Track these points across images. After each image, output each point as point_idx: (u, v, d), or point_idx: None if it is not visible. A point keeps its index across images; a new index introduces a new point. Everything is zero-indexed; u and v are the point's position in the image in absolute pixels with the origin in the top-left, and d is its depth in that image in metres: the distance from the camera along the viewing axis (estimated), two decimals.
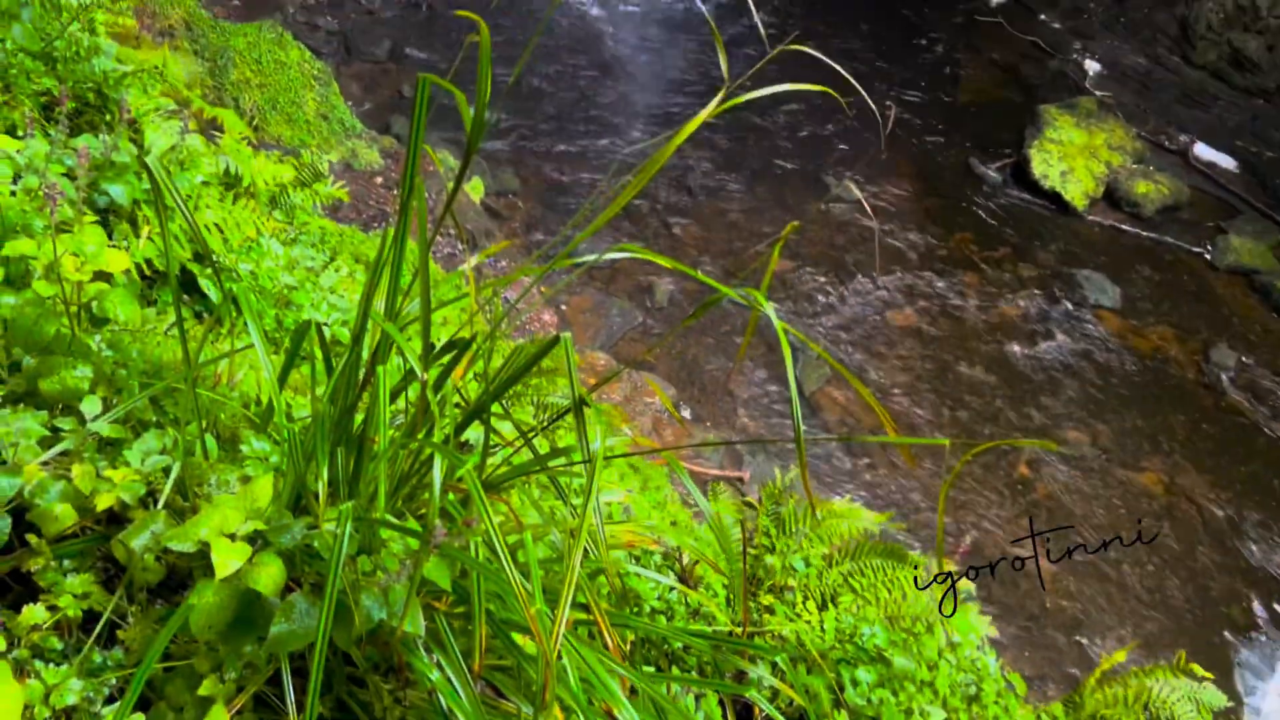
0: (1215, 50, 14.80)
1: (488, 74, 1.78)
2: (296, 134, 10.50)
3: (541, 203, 11.91)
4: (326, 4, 13.76)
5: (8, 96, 3.50)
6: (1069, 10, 16.31)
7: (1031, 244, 12.37)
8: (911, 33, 15.69)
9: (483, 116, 1.82)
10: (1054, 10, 16.35)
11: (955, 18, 16.15)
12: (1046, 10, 16.36)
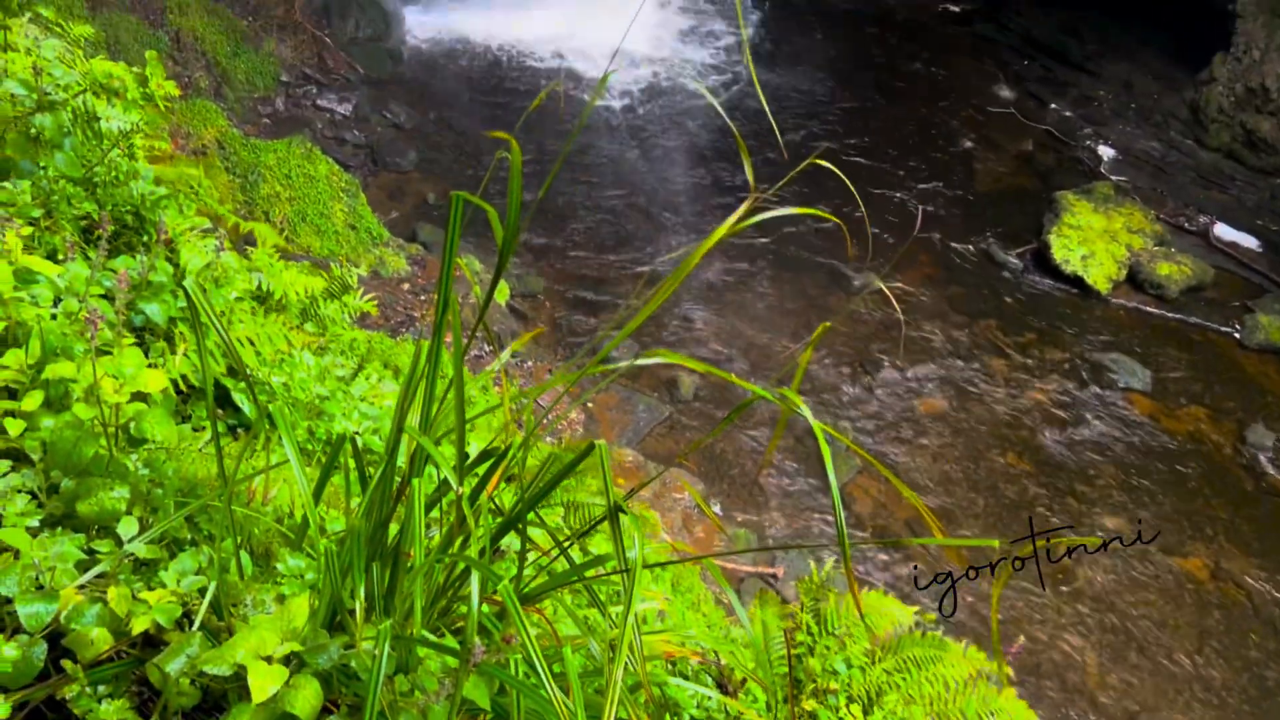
0: (1228, 132, 14.94)
1: (518, 193, 1.82)
2: (326, 244, 10.73)
3: (566, 303, 12.03)
4: (353, 119, 14.18)
5: (49, 221, 3.60)
6: (1079, 99, 16.57)
7: (1057, 329, 12.34)
8: (926, 125, 15.96)
9: (514, 234, 1.85)
10: (1064, 99, 16.61)
11: (968, 110, 16.43)
12: (1057, 100, 16.62)
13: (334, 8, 15.41)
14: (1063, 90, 16.81)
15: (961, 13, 19.33)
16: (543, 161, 13.73)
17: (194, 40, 13.22)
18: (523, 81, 15.83)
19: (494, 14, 16.90)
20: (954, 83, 17.15)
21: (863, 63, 17.47)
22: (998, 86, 17.12)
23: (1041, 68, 17.53)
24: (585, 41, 16.50)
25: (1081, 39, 17.59)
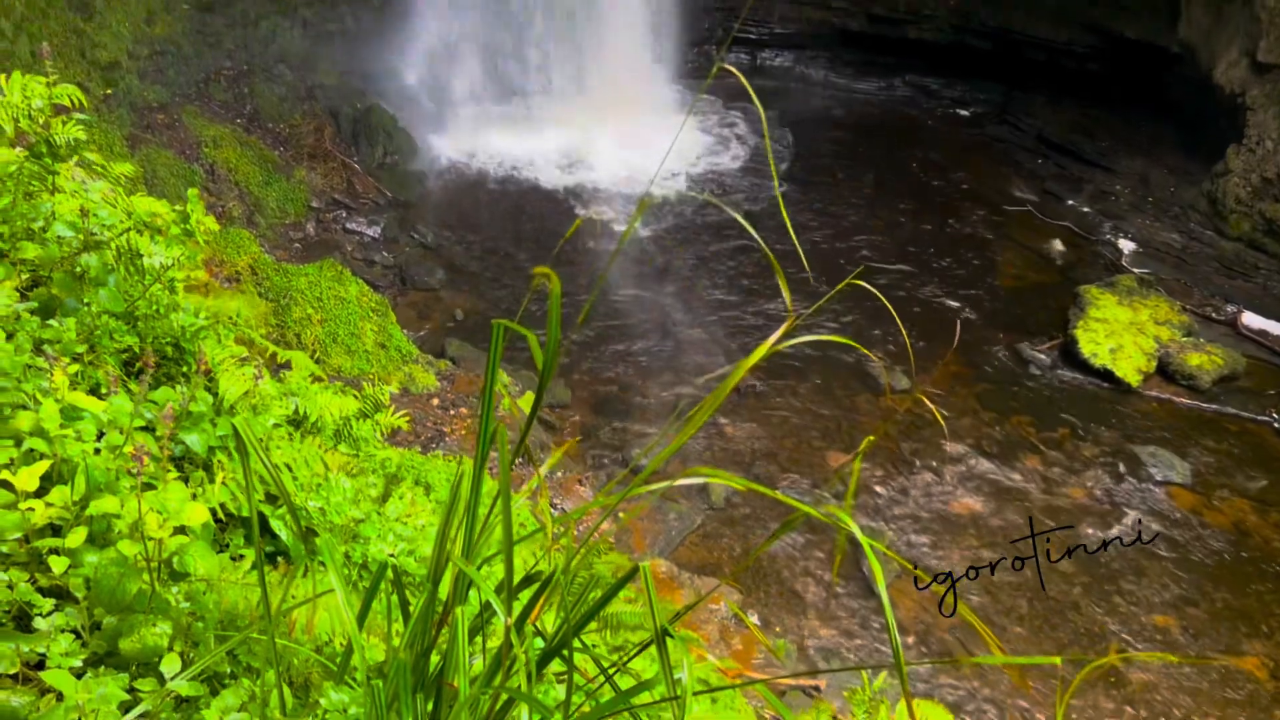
0: (1248, 221, 14.99)
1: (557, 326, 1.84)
2: (356, 364, 10.86)
3: (593, 412, 12.05)
4: (382, 240, 14.52)
5: (92, 356, 3.67)
6: (1096, 195, 16.73)
7: (1089, 423, 12.21)
8: (946, 226, 16.13)
9: (553, 361, 1.87)
10: (1081, 195, 16.78)
11: (986, 209, 16.62)
12: (1074, 196, 16.80)
13: (362, 135, 15.94)
14: (1079, 186, 17.00)
15: (972, 116, 19.73)
16: (564, 268, 13.94)
17: (228, 171, 13.66)
18: (543, 196, 16.20)
19: (513, 133, 17.42)
20: (971, 183, 17.39)
21: (881, 168, 17.78)
22: (1014, 185, 17.34)
23: (1056, 165, 17.78)
24: (601, 155, 16.92)
25: (1094, 136, 17.87)
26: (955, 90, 20.25)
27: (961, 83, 20.21)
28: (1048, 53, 19.27)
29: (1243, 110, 15.23)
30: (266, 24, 15.76)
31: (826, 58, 20.97)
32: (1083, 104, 18.64)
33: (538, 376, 7.21)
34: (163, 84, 13.98)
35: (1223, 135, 15.67)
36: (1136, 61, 18.14)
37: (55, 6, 11.96)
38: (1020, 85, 19.55)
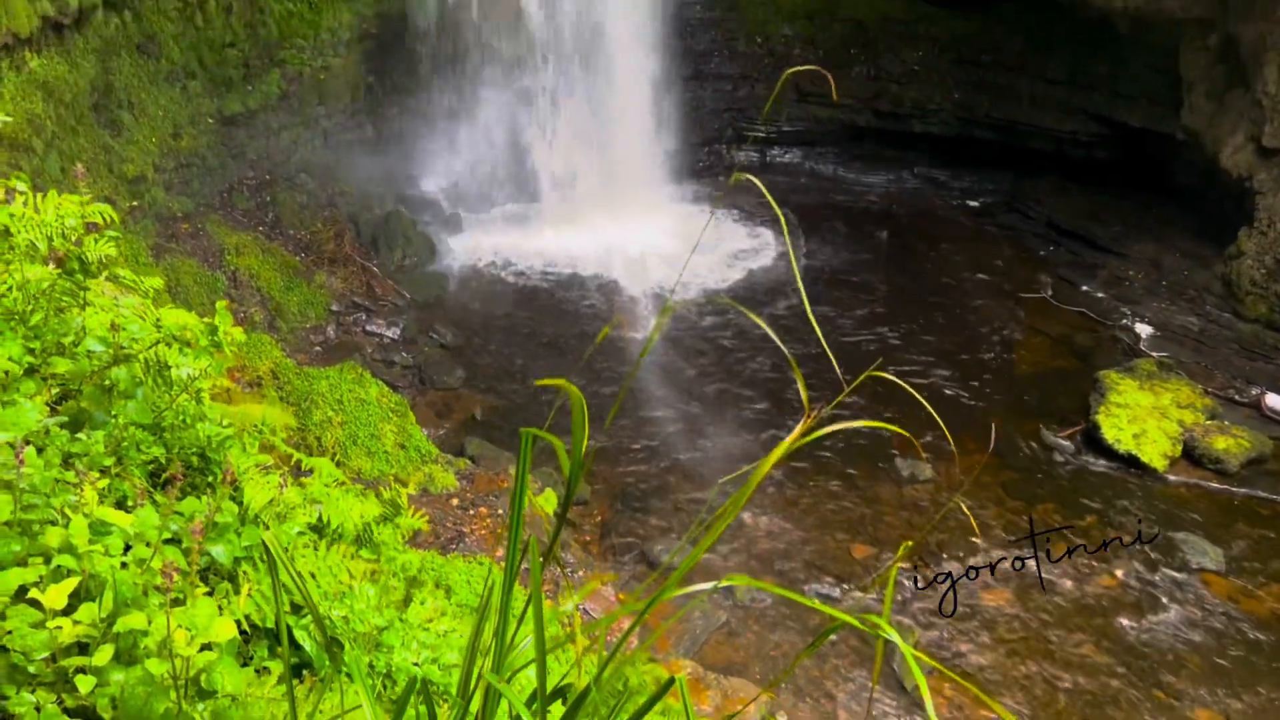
0: (1264, 303, 14.98)
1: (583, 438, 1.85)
2: (376, 465, 10.87)
3: (612, 508, 11.97)
4: (401, 341, 14.66)
5: (119, 468, 3.69)
6: (1110, 280, 16.80)
7: (1117, 510, 12.03)
8: (961, 314, 16.18)
9: (579, 474, 1.88)
10: (1095, 281, 16.84)
11: (1001, 297, 16.68)
12: (1087, 281, 16.86)
13: (381, 240, 16.24)
14: (1092, 272, 17.08)
15: (982, 205, 19.95)
16: (585, 367, 14.01)
17: (250, 278, 13.90)
18: (559, 295, 16.38)
19: (529, 234, 17.72)
20: (985, 272, 17.50)
21: (895, 260, 17.91)
22: (1028, 272, 17.44)
23: (1068, 252, 17.90)
24: (616, 255, 17.14)
25: (1104, 222, 18.02)
26: (964, 181, 20.52)
27: (970, 173, 20.49)
28: (1053, 142, 19.58)
29: (1251, 194, 15.36)
30: (288, 135, 16.21)
31: (835, 153, 21.34)
32: (1091, 191, 18.84)
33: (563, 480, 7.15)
34: (188, 195, 14.34)
35: (1233, 218, 15.78)
36: (1142, 148, 18.40)
37: (85, 124, 12.35)
38: (1028, 174, 19.81)
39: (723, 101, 21.02)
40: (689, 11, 20.38)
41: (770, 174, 21.11)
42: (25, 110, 11.10)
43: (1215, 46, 15.98)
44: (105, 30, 13.14)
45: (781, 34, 21.18)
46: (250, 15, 15.32)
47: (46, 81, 11.75)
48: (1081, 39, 18.53)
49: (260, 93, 15.54)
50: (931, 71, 20.39)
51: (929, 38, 20.53)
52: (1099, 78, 18.57)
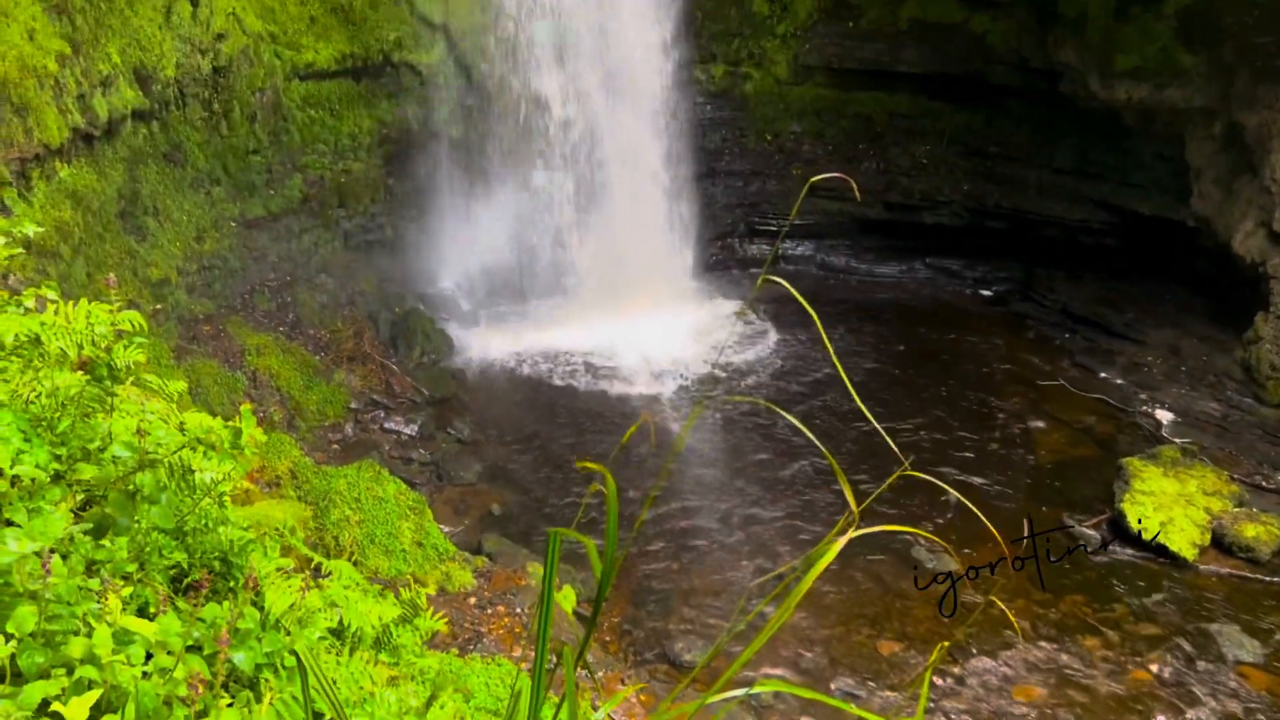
0: None
1: (614, 534, 1.84)
2: (394, 564, 10.78)
3: (632, 604, 11.80)
4: (419, 437, 14.67)
5: (141, 574, 3.68)
6: (1128, 366, 16.75)
7: (1148, 601, 11.77)
8: (980, 404, 16.12)
9: (611, 573, 1.86)
10: (1113, 367, 16.80)
11: (1019, 385, 16.63)
12: (1105, 368, 16.81)
13: (400, 337, 16.39)
14: (1110, 358, 17.04)
15: (995, 294, 20.04)
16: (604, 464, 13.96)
17: (270, 377, 14.01)
18: (575, 390, 16.42)
19: (545, 329, 17.86)
20: (1001, 361, 17.48)
21: (911, 351, 17.90)
22: (1045, 361, 17.42)
23: (1084, 339, 17.89)
24: (631, 350, 17.23)
25: (1119, 309, 18.05)
26: (976, 270, 20.66)
27: (982, 262, 20.63)
28: (1064, 230, 19.73)
29: (1266, 279, 15.39)
30: (309, 237, 16.52)
31: (846, 245, 21.55)
32: (1105, 278, 18.92)
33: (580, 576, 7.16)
34: (209, 297, 14.56)
35: (1249, 302, 15.78)
36: (1153, 235, 18.52)
37: (112, 230, 12.63)
38: (1040, 262, 19.93)
39: (734, 197, 21.36)
40: (700, 112, 20.85)
41: (783, 266, 21.33)
42: (54, 218, 11.37)
43: (1220, 135, 16.21)
44: (134, 140, 13.53)
45: (790, 131, 21.61)
46: (274, 123, 15.77)
47: (75, 190, 12.07)
48: (1087, 130, 18.83)
49: (282, 197, 15.89)
50: (940, 164, 20.70)
51: (936, 131, 20.90)
52: (1107, 167, 18.81)
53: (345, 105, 16.91)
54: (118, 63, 13.04)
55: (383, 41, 17.04)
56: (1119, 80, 16.98)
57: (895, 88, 21.02)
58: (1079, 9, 17.51)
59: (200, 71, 14.54)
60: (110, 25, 13.07)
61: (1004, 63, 19.50)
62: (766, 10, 21.05)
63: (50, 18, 11.99)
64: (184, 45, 14.23)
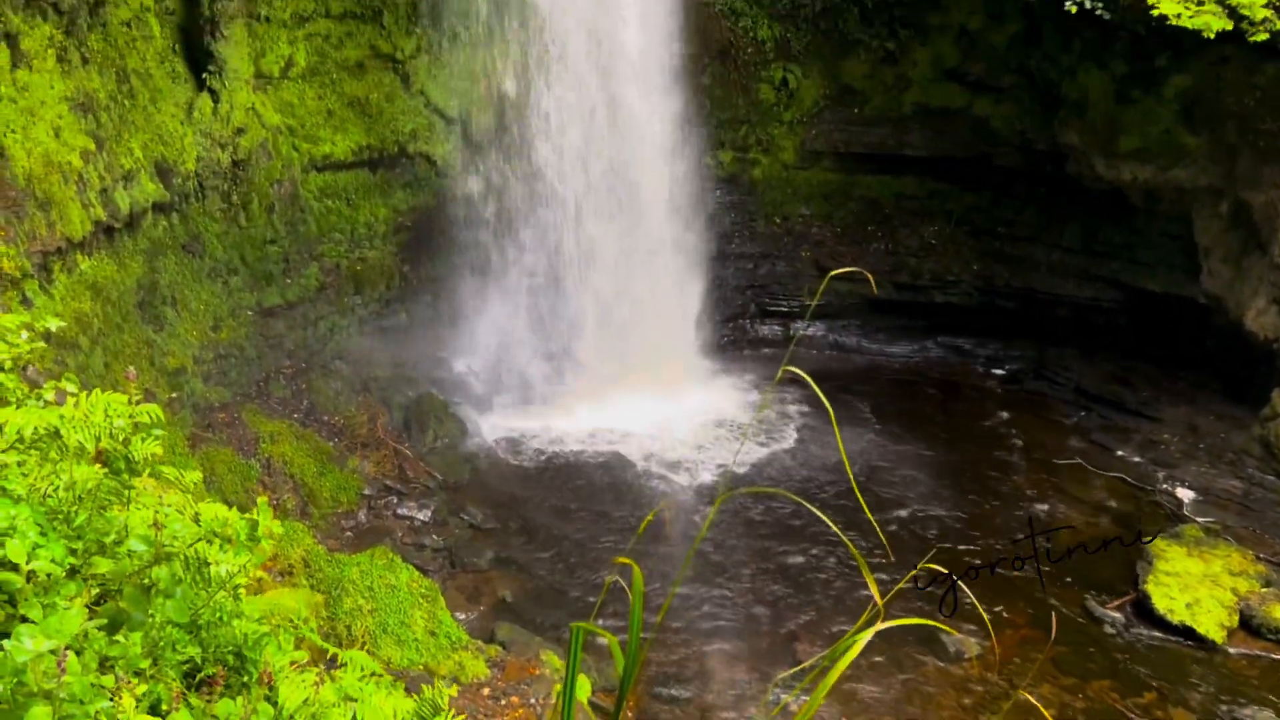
0: None
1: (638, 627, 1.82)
2: (406, 654, 10.62)
3: (650, 696, 11.57)
4: (432, 523, 14.59)
5: (155, 670, 3.64)
6: (1145, 444, 16.61)
7: (1178, 686, 11.49)
8: (995, 483, 15.98)
9: (634, 668, 1.83)
10: (1129, 445, 16.66)
11: (1035, 464, 16.50)
12: (1122, 446, 16.68)
13: (414, 422, 16.42)
14: (1126, 436, 16.91)
15: (1009, 373, 19.99)
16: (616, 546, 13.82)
17: (283, 465, 14.02)
18: (589, 475, 16.33)
19: (559, 412, 17.84)
20: (1017, 440, 17.36)
21: (925, 432, 17.77)
22: (1060, 439, 17.29)
23: (1099, 417, 17.78)
24: (645, 433, 17.18)
25: (1134, 387, 17.98)
26: (988, 349, 20.64)
27: (994, 341, 20.63)
28: (1075, 309, 19.75)
29: (1278, 355, 15.34)
30: (325, 323, 16.68)
31: (858, 325, 21.60)
32: (1118, 356, 18.88)
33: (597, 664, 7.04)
34: (225, 385, 14.65)
35: (1264, 379, 15.71)
36: (1165, 312, 18.52)
37: (130, 320, 12.78)
38: (1052, 341, 19.92)
39: (745, 279, 21.51)
40: (710, 197, 21.14)
41: (795, 348, 21.36)
42: (74, 309, 11.53)
43: (1227, 213, 16.32)
44: (153, 232, 13.78)
45: (799, 214, 21.86)
46: (291, 214, 16.05)
47: (95, 281, 12.25)
48: (1094, 209, 18.98)
49: (299, 285, 16.10)
50: (948, 244, 20.85)
51: (943, 212, 21.10)
52: (1115, 245, 18.91)
53: (361, 195, 17.22)
54: (140, 157, 13.36)
55: (398, 133, 17.42)
56: (1123, 161, 17.17)
57: (901, 171, 21.30)
58: (1080, 93, 17.81)
59: (220, 164, 14.86)
60: (133, 121, 13.42)
61: (1008, 145, 19.78)
62: (773, 98, 21.46)
63: (76, 115, 12.32)
64: (204, 139, 14.58)
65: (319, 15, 16.42)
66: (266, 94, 15.76)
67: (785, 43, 21.60)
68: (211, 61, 14.76)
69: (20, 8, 11.61)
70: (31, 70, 11.61)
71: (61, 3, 12.19)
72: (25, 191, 10.91)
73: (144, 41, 13.95)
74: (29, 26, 11.73)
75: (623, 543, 14.14)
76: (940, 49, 20.48)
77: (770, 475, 16.27)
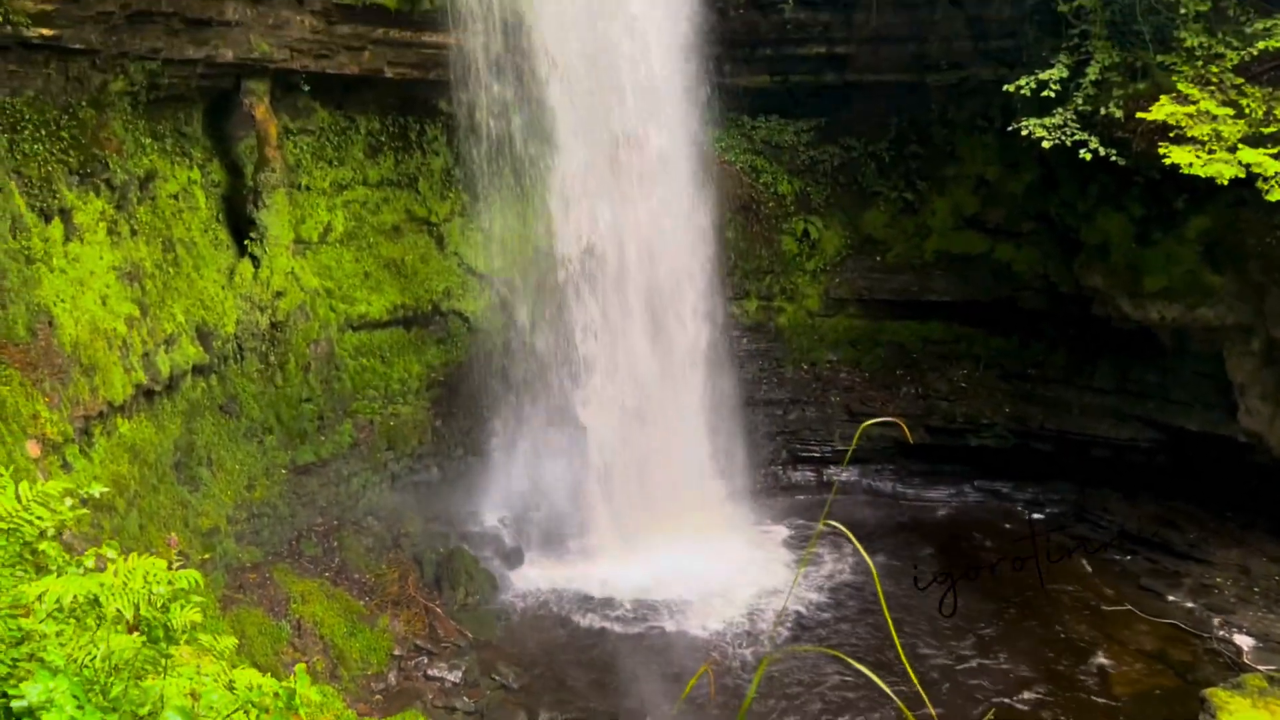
0: None
1: None
2: None
3: None
4: (463, 684, 14.21)
5: None
6: (1196, 589, 16.06)
7: None
8: (1045, 631, 15.42)
9: None
10: (1180, 590, 16.12)
11: (1084, 611, 15.94)
12: (1173, 591, 16.14)
13: (444, 579, 16.21)
14: (1177, 581, 16.38)
15: (1049, 517, 19.56)
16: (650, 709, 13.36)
17: (314, 625, 13.81)
18: (622, 630, 15.91)
19: (591, 566, 17.56)
20: (1063, 586, 16.82)
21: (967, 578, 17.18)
22: (1108, 585, 16.76)
23: (1147, 560, 17.27)
24: (677, 586, 16.79)
25: (1180, 529, 17.52)
26: (1026, 492, 20.28)
27: (1032, 484, 20.27)
28: (1112, 449, 19.44)
29: None
30: (358, 480, 16.72)
31: (892, 469, 21.36)
32: (1161, 496, 18.46)
33: None
34: (257, 544, 14.60)
35: None
36: (1205, 451, 18.19)
37: (166, 482, 12.88)
38: (1092, 482, 19.54)
39: (775, 425, 21.47)
40: (736, 345, 21.35)
41: (829, 493, 21.09)
42: (112, 472, 11.64)
43: (1260, 350, 16.22)
44: (192, 393, 14.03)
45: (827, 360, 21.99)
46: (327, 372, 16.33)
47: (134, 444, 12.41)
48: (1124, 348, 18.92)
49: (333, 442, 16.23)
50: (979, 387, 20.79)
51: (971, 356, 21.15)
52: (1148, 385, 18.75)
53: (396, 352, 17.54)
54: (181, 321, 13.74)
55: (432, 292, 17.86)
56: (1150, 301, 17.23)
57: (927, 315, 21.49)
58: (1101, 236, 18.05)
59: (259, 326, 15.24)
60: (177, 287, 13.87)
61: (1032, 288, 19.96)
62: (795, 248, 21.93)
63: (123, 283, 12.76)
64: (244, 303, 15.01)
65: (357, 183, 17.13)
66: (305, 258, 16.28)
67: (805, 196, 22.21)
68: (253, 229, 15.34)
69: (75, 185, 12.20)
70: (83, 242, 12.10)
71: (114, 178, 12.80)
72: (71, 358, 11.20)
73: (190, 212, 14.56)
74: (82, 202, 12.30)
75: (660, 708, 13.66)
76: (958, 198, 20.96)
77: (814, 632, 15.78)
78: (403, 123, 18.00)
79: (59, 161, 12.07)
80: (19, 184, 11.46)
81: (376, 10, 15.20)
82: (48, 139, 11.97)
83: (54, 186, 11.89)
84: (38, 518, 4.21)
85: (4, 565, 4.01)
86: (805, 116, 22.34)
